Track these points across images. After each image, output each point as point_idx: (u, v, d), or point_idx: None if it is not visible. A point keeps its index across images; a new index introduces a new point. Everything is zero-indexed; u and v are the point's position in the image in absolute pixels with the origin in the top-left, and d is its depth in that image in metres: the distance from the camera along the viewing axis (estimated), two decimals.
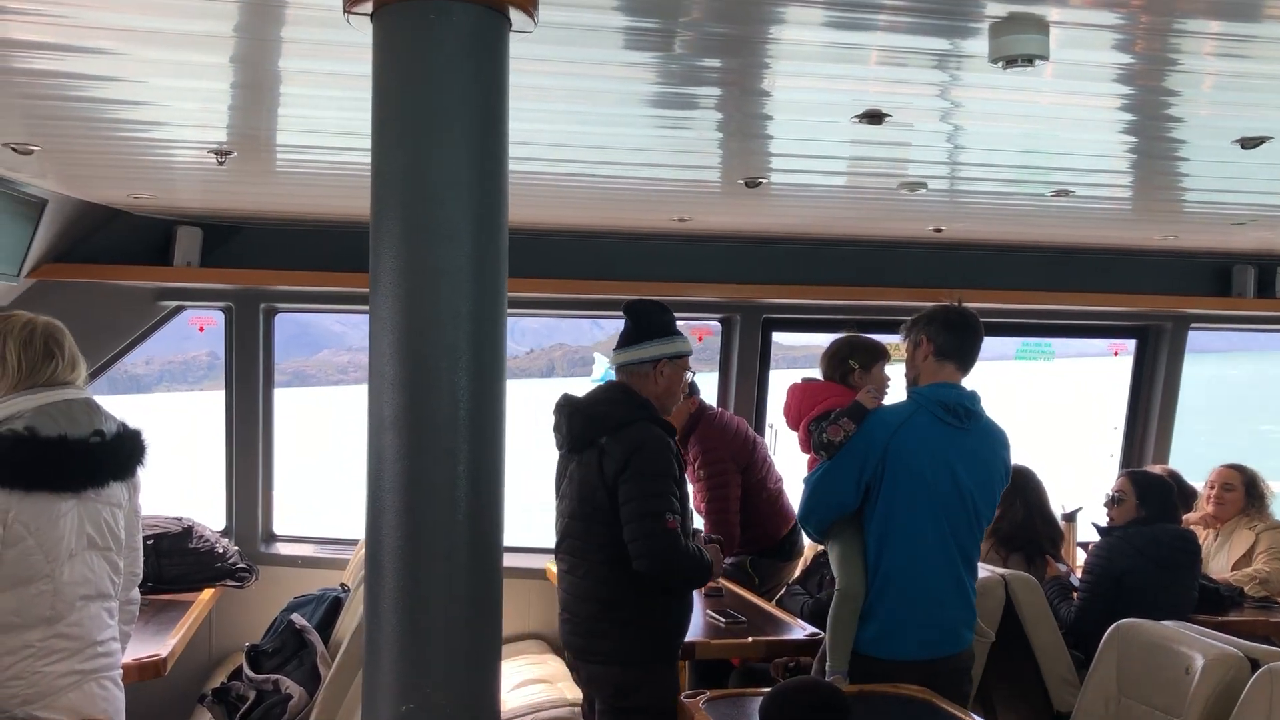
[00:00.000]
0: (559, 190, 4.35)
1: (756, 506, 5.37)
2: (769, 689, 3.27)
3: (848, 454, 3.58)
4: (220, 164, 3.80)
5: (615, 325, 4.20)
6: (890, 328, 6.53)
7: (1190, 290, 6.34)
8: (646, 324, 3.84)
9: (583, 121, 3.30)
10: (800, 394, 4.08)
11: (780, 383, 6.89)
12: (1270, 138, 3.37)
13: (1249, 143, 3.40)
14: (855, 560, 3.61)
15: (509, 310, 2.11)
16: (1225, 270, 6.37)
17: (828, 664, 3.64)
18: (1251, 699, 3.08)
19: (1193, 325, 6.52)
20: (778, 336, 6.40)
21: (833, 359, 4.27)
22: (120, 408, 3.32)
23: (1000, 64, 2.31)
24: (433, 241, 1.96)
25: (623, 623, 3.70)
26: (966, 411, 3.59)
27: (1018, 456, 5.37)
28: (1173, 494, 4.84)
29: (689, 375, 3.97)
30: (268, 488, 5.80)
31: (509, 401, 2.07)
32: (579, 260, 5.58)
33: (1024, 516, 5.19)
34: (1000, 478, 3.68)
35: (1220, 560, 5.26)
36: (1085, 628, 4.51)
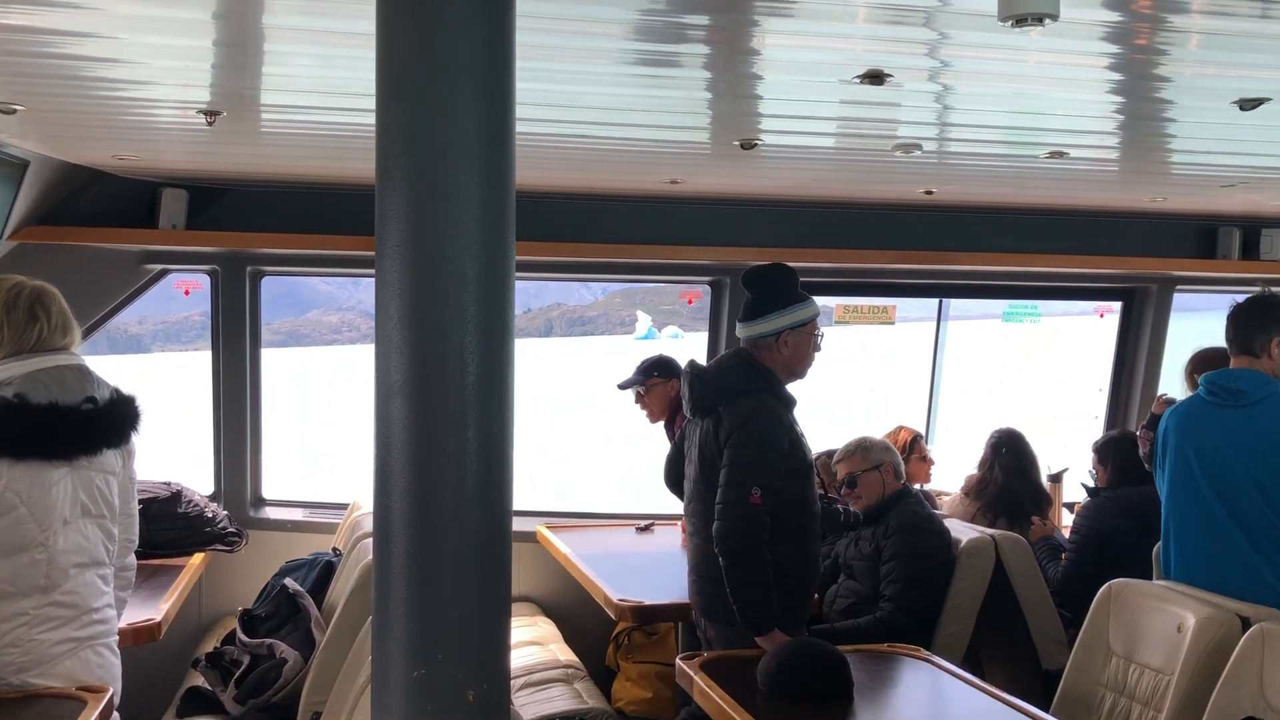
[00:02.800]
0: (550, 152, 4.30)
1: None
2: (770, 651, 3.30)
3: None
4: (210, 124, 3.74)
5: (602, 287, 4.18)
6: (878, 290, 6.59)
7: (1176, 253, 6.36)
8: (765, 294, 3.81)
9: (582, 82, 3.26)
10: None
11: None
12: (1269, 99, 3.36)
13: (1247, 104, 3.39)
14: None
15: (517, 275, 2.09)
16: (1211, 232, 6.39)
17: None
18: (1243, 657, 3.11)
19: (1178, 287, 6.55)
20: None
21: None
22: (120, 368, 3.28)
23: (1010, 23, 2.28)
24: (441, 204, 1.93)
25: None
26: (1231, 391, 3.70)
27: (1005, 418, 5.40)
28: (1134, 447, 4.87)
29: (819, 335, 3.91)
30: (256, 452, 5.77)
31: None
32: (569, 222, 5.54)
33: (1003, 480, 5.24)
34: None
35: None
36: (1073, 587, 4.57)
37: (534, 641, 5.22)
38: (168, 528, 5.05)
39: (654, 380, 5.40)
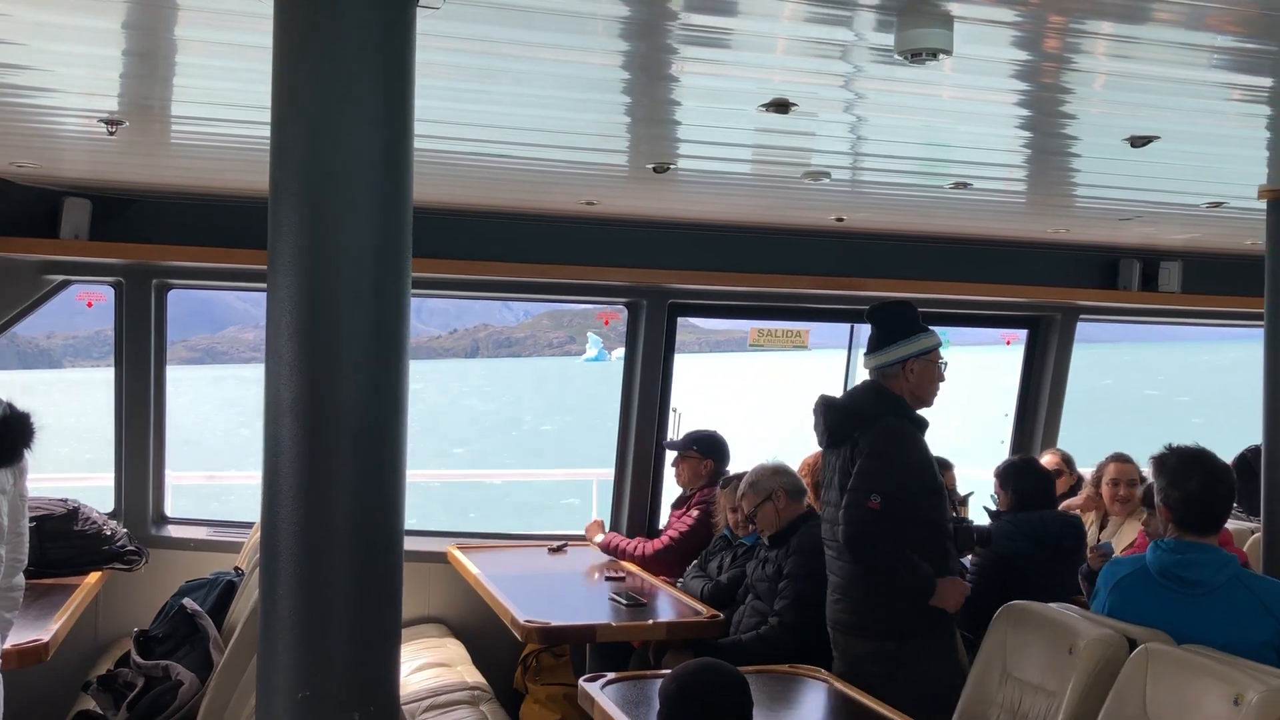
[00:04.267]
0: (466, 170, 4.29)
1: None
2: (669, 670, 3.31)
3: None
4: (111, 134, 3.67)
5: (524, 308, 4.22)
6: (791, 314, 6.67)
7: (1079, 283, 6.56)
8: (891, 327, 4.07)
9: (490, 101, 3.27)
10: None
11: (687, 367, 6.95)
12: (1158, 137, 3.49)
13: (1138, 141, 3.52)
14: None
15: (416, 291, 2.08)
16: (1112, 264, 6.60)
17: None
18: (1129, 677, 3.19)
19: (1081, 316, 6.74)
20: (699, 321, 6.47)
21: None
22: (31, 382, 3.20)
23: (906, 56, 2.34)
24: (335, 221, 1.92)
25: (891, 599, 3.86)
26: (1189, 581, 3.39)
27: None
28: (1034, 472, 4.99)
29: (942, 363, 4.16)
30: (159, 469, 5.64)
31: (434, 381, 2.04)
32: (486, 241, 5.52)
33: None
34: None
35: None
36: (975, 609, 4.64)
37: (441, 663, 5.16)
38: (63, 546, 4.90)
39: (690, 453, 5.63)
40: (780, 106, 3.15)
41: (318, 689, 1.91)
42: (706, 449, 5.61)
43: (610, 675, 3.46)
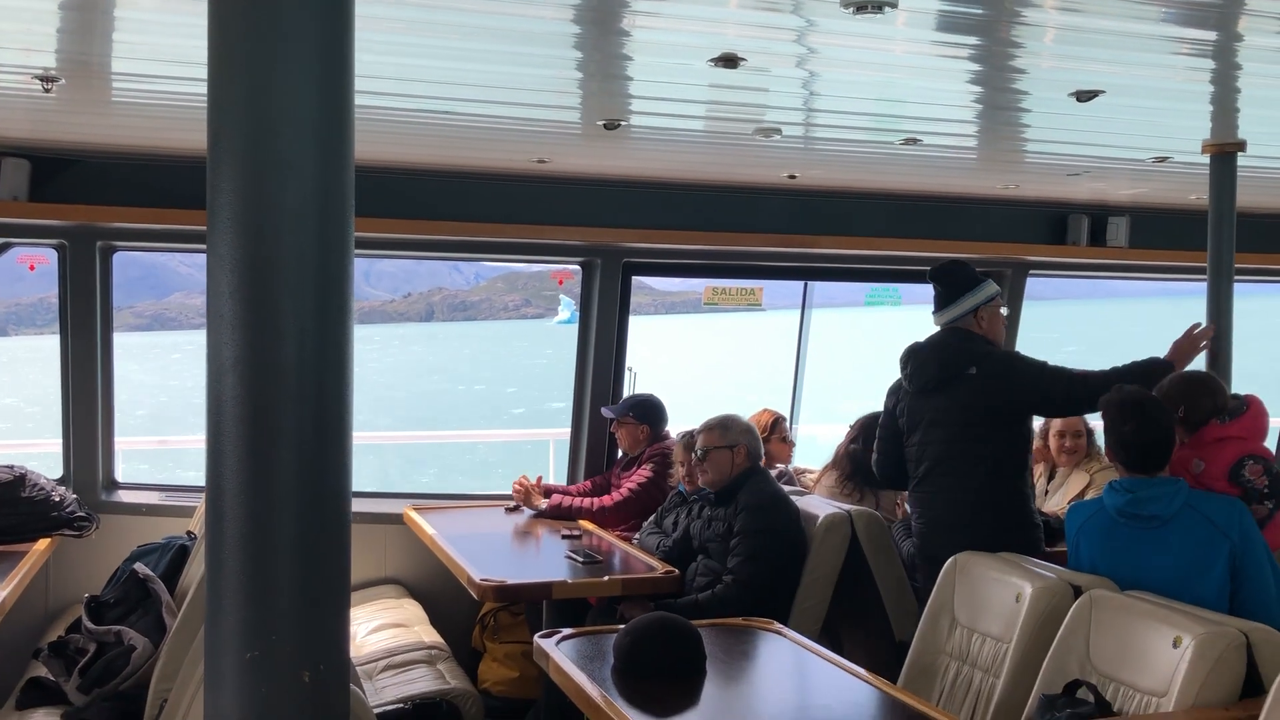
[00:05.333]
0: (413, 127, 4.24)
1: None
2: (623, 625, 3.34)
3: None
4: (47, 91, 3.58)
5: (474, 270, 4.19)
6: (745, 273, 6.68)
7: (1029, 238, 6.62)
8: (954, 282, 4.37)
9: (436, 56, 3.23)
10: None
11: (642, 328, 6.94)
12: (1103, 91, 3.51)
13: (1084, 96, 3.54)
14: None
15: (365, 252, 2.06)
16: (1061, 219, 6.66)
17: None
18: (1073, 623, 3.27)
19: (1031, 271, 6.81)
20: (654, 281, 6.47)
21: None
22: None
23: (851, 9, 2.34)
24: (274, 175, 1.89)
25: (1010, 527, 4.12)
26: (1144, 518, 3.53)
27: (870, 401, 5.51)
28: None
29: (1003, 309, 4.53)
30: (108, 434, 5.56)
31: (396, 346, 2.02)
32: (436, 200, 5.46)
33: (862, 455, 5.35)
34: None
35: (1056, 499, 5.54)
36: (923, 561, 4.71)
37: (399, 624, 5.17)
38: (9, 513, 4.83)
39: (627, 419, 5.67)
40: (729, 61, 3.13)
41: (266, 649, 1.91)
42: (642, 414, 5.66)
43: (566, 631, 3.48)
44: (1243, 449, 3.75)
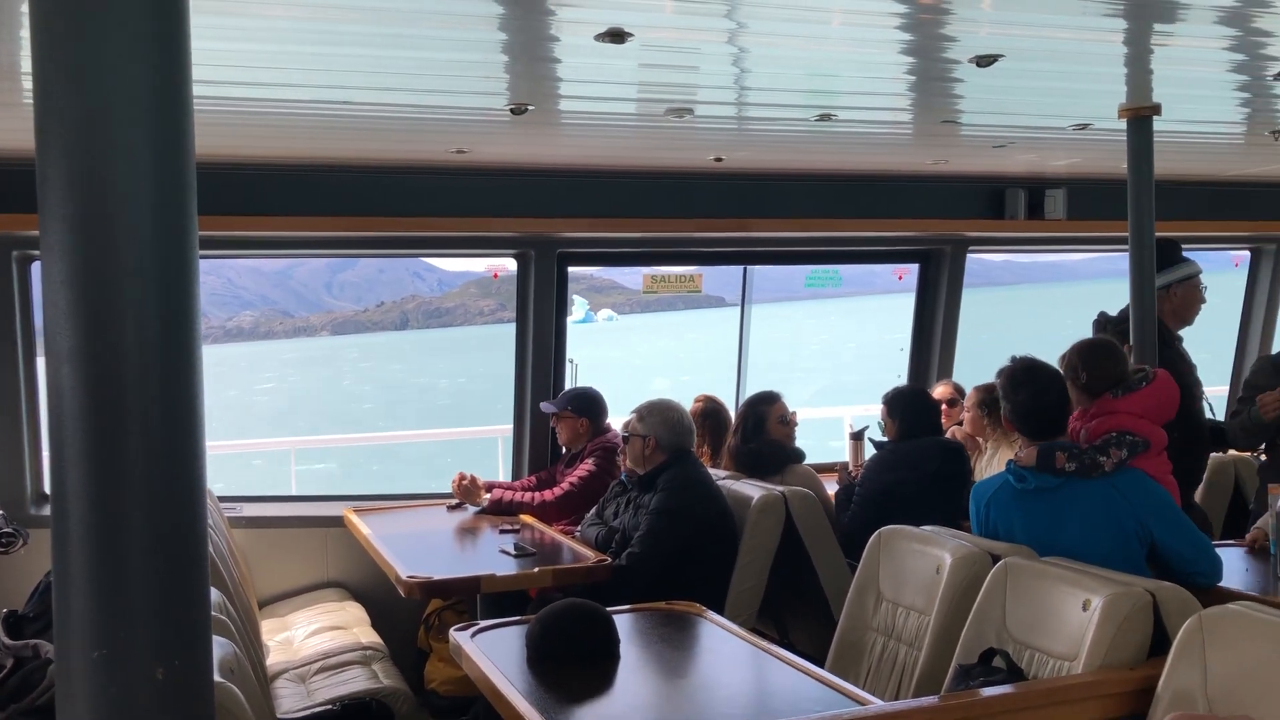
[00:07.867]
0: (317, 121, 4.17)
1: None
2: (535, 615, 3.29)
3: None
4: None
5: (438, 279, 4.13)
6: (683, 259, 6.64)
7: (967, 214, 6.60)
8: (1157, 257, 4.52)
9: (321, 41, 3.16)
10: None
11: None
12: (1002, 55, 3.48)
13: (983, 61, 3.51)
14: None
15: (295, 253, 2.00)
16: (999, 194, 6.65)
17: None
18: (990, 590, 3.24)
19: (970, 247, 6.80)
20: (589, 270, 6.42)
21: None
22: None
23: None
24: (105, 159, 1.83)
25: None
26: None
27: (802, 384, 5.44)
28: (920, 401, 5.03)
29: (1203, 288, 4.79)
30: (36, 447, 5.46)
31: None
32: (356, 196, 5.38)
33: (740, 443, 5.30)
34: None
35: (992, 470, 5.54)
36: (858, 539, 4.67)
37: (337, 626, 5.10)
38: None
39: (565, 413, 5.60)
40: (617, 36, 3.08)
41: (115, 647, 1.86)
42: (580, 407, 5.60)
43: (481, 623, 3.43)
44: (1121, 424, 3.63)
